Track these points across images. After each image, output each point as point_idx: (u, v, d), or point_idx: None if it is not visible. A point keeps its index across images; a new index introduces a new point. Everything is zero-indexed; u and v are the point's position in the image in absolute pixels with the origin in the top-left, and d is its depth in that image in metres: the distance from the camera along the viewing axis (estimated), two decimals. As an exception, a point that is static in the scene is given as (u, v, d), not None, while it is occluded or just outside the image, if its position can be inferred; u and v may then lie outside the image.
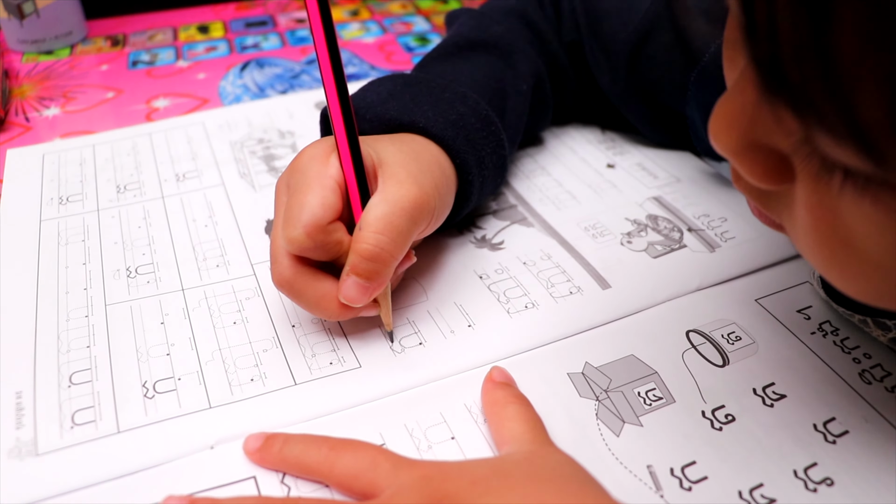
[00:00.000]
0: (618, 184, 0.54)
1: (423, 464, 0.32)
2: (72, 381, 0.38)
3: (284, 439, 0.34)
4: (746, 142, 0.26)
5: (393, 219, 0.37)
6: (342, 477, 0.33)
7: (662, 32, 0.51)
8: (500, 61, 0.52)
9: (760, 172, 0.26)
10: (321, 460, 0.33)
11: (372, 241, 0.36)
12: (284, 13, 0.86)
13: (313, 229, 0.36)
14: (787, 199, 0.27)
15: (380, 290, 0.38)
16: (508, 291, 0.44)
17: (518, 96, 0.51)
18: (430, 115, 0.44)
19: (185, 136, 0.60)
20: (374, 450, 0.33)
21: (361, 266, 0.37)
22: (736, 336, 0.41)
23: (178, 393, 0.38)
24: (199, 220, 0.51)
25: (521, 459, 0.32)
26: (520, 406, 0.36)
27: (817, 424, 0.37)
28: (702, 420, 0.37)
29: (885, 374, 0.39)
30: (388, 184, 0.38)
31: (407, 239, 0.38)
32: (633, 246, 0.48)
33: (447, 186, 0.42)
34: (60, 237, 0.49)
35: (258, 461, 0.34)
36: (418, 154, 0.41)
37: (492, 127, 0.46)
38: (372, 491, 0.32)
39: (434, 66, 0.51)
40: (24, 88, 0.69)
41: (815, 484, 0.34)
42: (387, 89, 0.46)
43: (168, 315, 0.43)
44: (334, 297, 0.38)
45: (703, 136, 0.52)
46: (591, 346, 0.41)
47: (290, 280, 0.38)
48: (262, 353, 0.40)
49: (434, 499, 0.30)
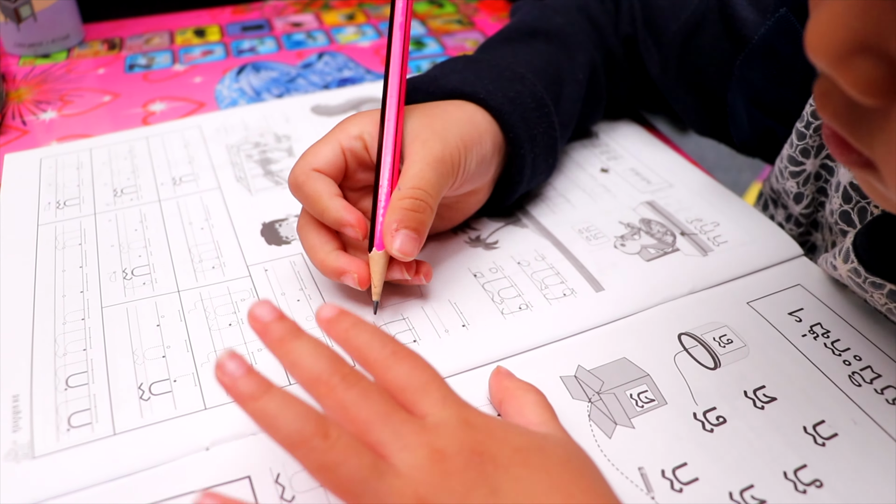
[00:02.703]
0: (611, 188, 0.55)
1: (470, 408, 0.32)
2: (68, 384, 0.39)
3: (354, 321, 0.32)
4: (854, 46, 0.23)
5: (424, 173, 0.41)
6: (392, 383, 0.31)
7: (712, 24, 0.52)
8: (559, 50, 0.54)
9: (865, 82, 0.23)
10: (380, 359, 0.32)
11: (410, 194, 0.40)
12: (281, 17, 0.86)
13: (299, 170, 0.43)
14: (887, 125, 0.25)
15: (422, 240, 0.41)
16: (503, 291, 0.45)
17: (574, 84, 0.53)
18: (490, 88, 0.47)
19: (182, 139, 0.61)
20: (430, 372, 0.32)
21: (409, 217, 0.40)
22: (727, 339, 0.42)
23: (173, 395, 0.38)
24: (195, 222, 0.51)
25: (559, 443, 0.32)
26: (537, 395, 0.36)
27: (807, 427, 0.37)
28: (693, 422, 0.37)
29: (875, 377, 0.40)
30: (415, 145, 0.42)
31: (439, 189, 0.42)
32: (626, 249, 0.48)
33: (479, 143, 0.45)
34: (58, 241, 0.49)
35: (325, 329, 0.32)
36: (446, 111, 0.45)
37: (545, 109, 0.49)
38: (413, 409, 0.31)
39: (496, 48, 0.54)
40: (21, 92, 0.69)
41: (805, 485, 0.34)
42: (449, 67, 0.50)
43: (164, 317, 0.43)
44: (329, 250, 0.42)
45: (741, 124, 0.53)
46: (583, 348, 0.41)
47: (301, 225, 0.44)
48: (256, 353, 0.41)
49: (472, 448, 0.29)
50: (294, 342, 0.31)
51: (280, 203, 0.53)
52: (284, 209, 0.52)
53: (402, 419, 0.30)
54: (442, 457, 0.29)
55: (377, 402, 0.30)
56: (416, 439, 0.29)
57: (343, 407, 0.30)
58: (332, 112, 0.65)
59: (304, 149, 0.55)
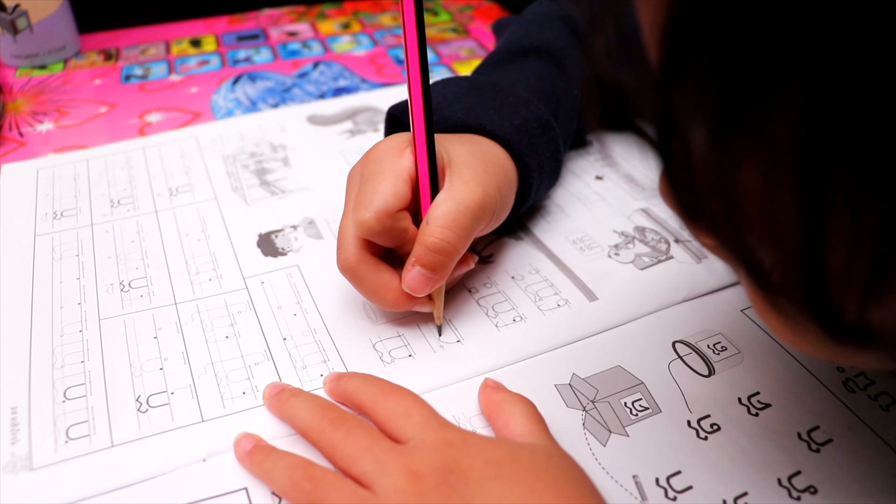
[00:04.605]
0: (606, 196, 0.55)
1: (451, 428, 0.34)
2: (66, 396, 0.39)
3: (349, 377, 0.38)
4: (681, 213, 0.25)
5: (458, 216, 0.39)
6: (380, 416, 0.35)
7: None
8: (552, 66, 0.54)
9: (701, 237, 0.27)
10: (368, 397, 0.37)
11: (438, 235, 0.39)
12: (276, 26, 0.86)
13: (383, 214, 0.38)
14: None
15: (441, 282, 0.40)
16: (497, 306, 0.45)
17: (570, 100, 0.53)
18: (496, 118, 0.46)
19: (178, 150, 0.61)
20: (413, 400, 0.36)
21: (427, 257, 0.39)
22: (722, 346, 0.42)
23: (171, 407, 0.38)
24: (191, 234, 0.51)
25: (537, 452, 0.33)
26: (525, 405, 0.36)
27: (801, 433, 0.37)
28: (687, 430, 0.37)
29: (869, 383, 0.40)
30: (456, 182, 0.40)
31: (469, 235, 0.40)
32: (620, 258, 0.49)
33: (509, 188, 0.44)
34: (55, 252, 0.49)
35: (329, 393, 0.39)
36: (485, 156, 0.43)
37: (551, 133, 0.48)
38: (398, 436, 0.34)
39: (492, 72, 0.53)
40: (18, 103, 0.69)
41: (799, 492, 0.34)
42: (453, 92, 0.48)
43: (161, 329, 0.43)
44: (393, 288, 0.40)
45: None
46: (578, 357, 0.42)
47: (353, 266, 0.40)
48: (253, 367, 0.41)
49: (446, 466, 0.32)
50: (290, 400, 0.37)
51: (276, 214, 0.53)
52: (280, 220, 0.52)
53: (383, 448, 0.33)
54: (417, 477, 0.31)
55: (360, 437, 0.34)
56: (395, 464, 0.32)
57: (332, 445, 0.34)
58: (327, 122, 0.65)
59: (300, 159, 0.55)
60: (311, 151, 0.61)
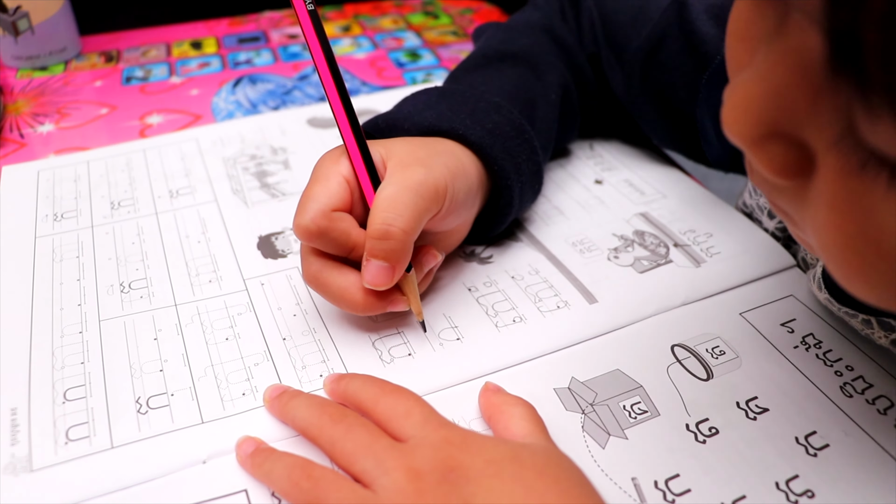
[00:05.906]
0: (605, 200, 0.55)
1: (450, 426, 0.34)
2: (66, 398, 0.39)
3: (350, 378, 0.38)
4: (767, 131, 0.24)
5: (398, 196, 0.38)
6: (380, 416, 0.35)
7: (673, 39, 0.52)
8: (528, 72, 0.53)
9: (778, 165, 0.25)
10: (369, 397, 0.37)
11: (380, 219, 0.38)
12: (277, 29, 0.86)
13: (317, 214, 0.38)
14: (801, 194, 0.25)
15: (401, 271, 0.39)
16: (497, 305, 0.45)
17: (547, 106, 0.52)
18: (468, 122, 0.45)
19: (179, 152, 0.61)
20: (412, 400, 0.36)
21: (377, 247, 0.38)
22: (720, 350, 0.42)
23: (170, 408, 0.38)
24: (192, 236, 0.51)
25: (538, 451, 0.33)
26: (525, 407, 0.37)
27: (799, 437, 0.37)
28: (686, 433, 0.38)
29: (867, 387, 0.40)
30: (395, 169, 0.40)
31: (417, 215, 0.39)
32: (619, 261, 0.49)
33: (464, 175, 0.43)
34: (55, 254, 0.49)
35: (329, 394, 0.39)
36: (433, 146, 0.43)
37: (525, 135, 0.47)
38: (399, 435, 0.34)
39: (465, 77, 0.53)
40: (19, 105, 0.69)
41: (796, 496, 0.35)
42: (422, 101, 0.48)
43: (161, 331, 0.43)
44: (358, 289, 0.40)
45: (712, 141, 0.52)
46: (577, 360, 0.42)
47: (314, 274, 0.40)
48: (253, 367, 0.41)
49: (446, 464, 0.32)
50: (291, 402, 0.37)
51: (276, 216, 0.53)
52: (280, 222, 0.53)
53: (384, 446, 0.33)
54: (417, 475, 0.31)
55: (361, 435, 0.34)
56: (395, 462, 0.32)
57: (332, 443, 0.34)
58: (327, 124, 0.65)
59: (300, 161, 0.55)
60: (312, 154, 0.60)
